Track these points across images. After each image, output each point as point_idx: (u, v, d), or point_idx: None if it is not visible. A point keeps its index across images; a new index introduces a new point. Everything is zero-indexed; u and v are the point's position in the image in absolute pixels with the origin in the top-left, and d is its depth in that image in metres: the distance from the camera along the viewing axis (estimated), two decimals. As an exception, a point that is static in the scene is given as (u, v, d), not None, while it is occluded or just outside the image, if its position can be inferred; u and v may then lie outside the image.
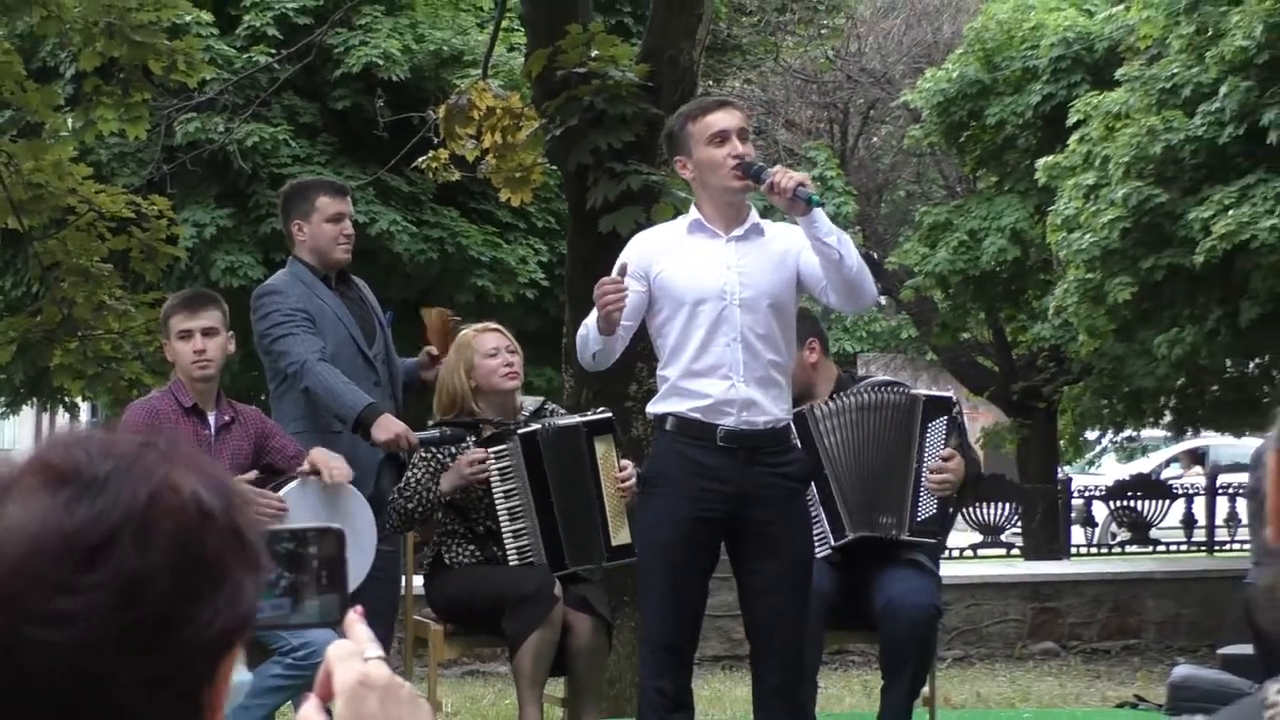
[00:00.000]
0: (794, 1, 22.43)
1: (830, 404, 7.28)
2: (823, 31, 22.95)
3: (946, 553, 8.55)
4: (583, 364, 6.35)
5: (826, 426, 7.21)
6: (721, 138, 6.22)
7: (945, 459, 7.13)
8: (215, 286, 15.57)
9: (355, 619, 1.74)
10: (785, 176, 6.08)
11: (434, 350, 7.87)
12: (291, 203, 7.81)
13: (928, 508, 7.20)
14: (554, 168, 10.67)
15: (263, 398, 11.31)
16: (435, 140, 11.05)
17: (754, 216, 6.44)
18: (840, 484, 7.16)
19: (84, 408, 21.36)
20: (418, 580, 7.46)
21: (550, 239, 18.52)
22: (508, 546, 6.99)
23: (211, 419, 6.90)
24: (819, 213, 6.14)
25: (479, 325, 7.54)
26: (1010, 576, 14.99)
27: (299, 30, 16.95)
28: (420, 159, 11.21)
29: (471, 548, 7.08)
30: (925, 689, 7.20)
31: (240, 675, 5.77)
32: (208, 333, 6.95)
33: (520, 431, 7.10)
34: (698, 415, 6.17)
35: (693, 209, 6.41)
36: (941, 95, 19.24)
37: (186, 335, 6.91)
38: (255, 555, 1.58)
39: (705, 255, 6.24)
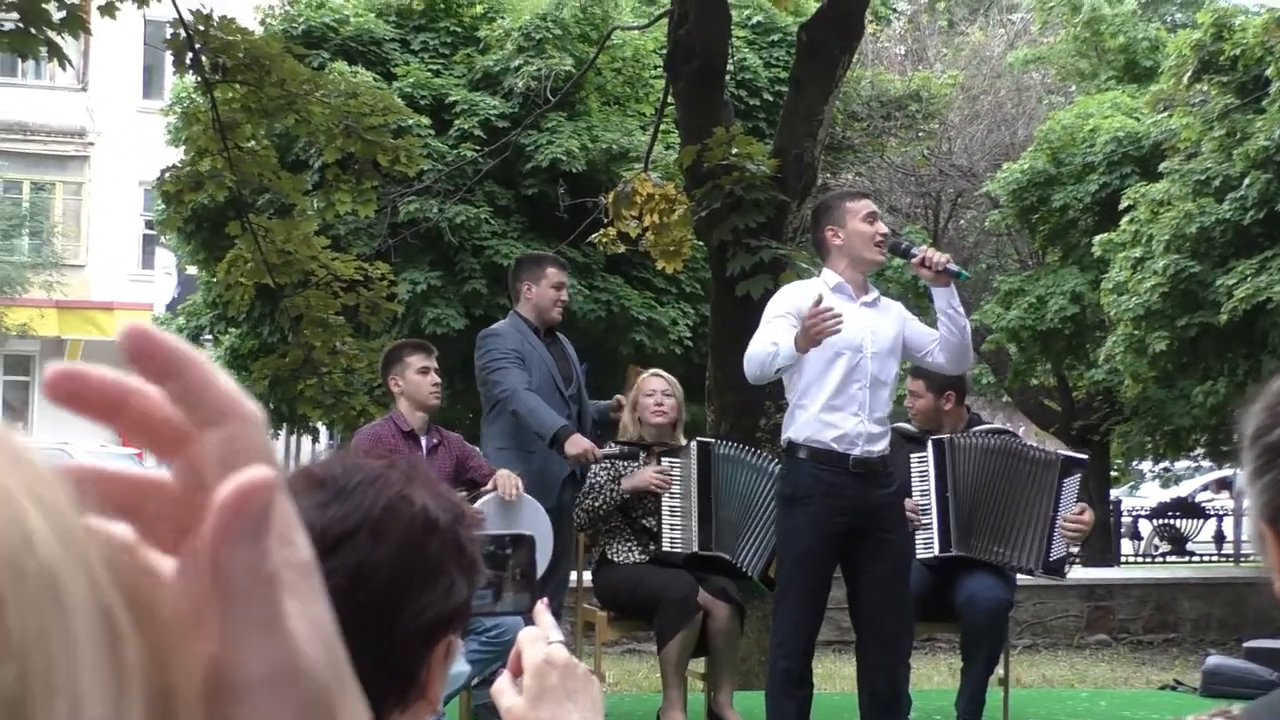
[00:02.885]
0: (897, 110, 22.31)
1: (964, 440, 7.24)
2: (920, 134, 22.80)
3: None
4: (751, 377, 6.24)
5: (957, 458, 7.17)
6: (871, 218, 6.29)
7: (1079, 512, 7.07)
8: (423, 334, 15.69)
9: (542, 609, 1.74)
10: (936, 253, 6.21)
11: (624, 399, 7.90)
12: (525, 268, 7.92)
13: (1059, 550, 7.13)
14: (700, 243, 10.64)
15: (464, 424, 11.36)
16: (605, 220, 11.08)
17: (874, 288, 6.46)
18: (958, 507, 7.10)
19: (323, 433, 21.57)
20: (586, 575, 7.44)
21: (696, 302, 18.47)
22: (664, 535, 7.00)
23: (424, 442, 6.94)
24: (954, 286, 6.24)
25: (653, 370, 7.57)
26: (1071, 580, 14.74)
27: (498, 131, 17.06)
28: (594, 235, 11.24)
29: (631, 543, 7.07)
30: (1000, 671, 7.10)
31: (459, 666, 5.78)
32: (438, 371, 7.05)
33: (700, 439, 7.16)
34: (833, 444, 6.17)
35: (830, 274, 6.35)
36: (1016, 184, 19.13)
37: (425, 371, 7.00)
38: (472, 562, 1.58)
39: (846, 313, 6.16)
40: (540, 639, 1.65)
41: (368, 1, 19.32)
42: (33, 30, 9.51)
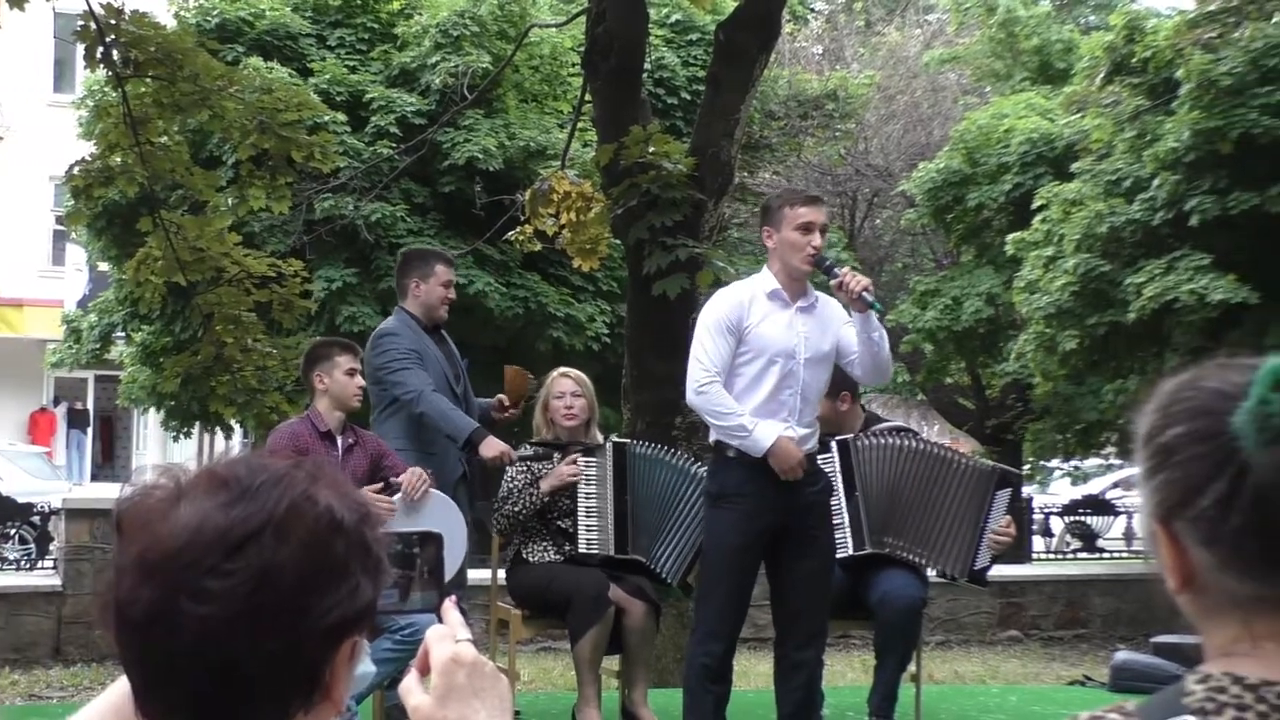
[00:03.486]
0: (814, 110, 22.41)
1: (868, 440, 7.27)
2: (837, 134, 22.91)
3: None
4: (694, 407, 6.37)
5: (863, 458, 7.20)
6: (807, 228, 6.27)
7: (1006, 525, 7.11)
8: (338, 331, 15.64)
9: (450, 607, 1.74)
10: (854, 279, 6.16)
11: (505, 400, 7.88)
12: (413, 264, 7.84)
13: (983, 559, 7.17)
14: (617, 241, 10.64)
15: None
16: (522, 218, 11.06)
17: (812, 291, 6.47)
18: (869, 506, 7.13)
19: (237, 431, 21.41)
20: (501, 573, 7.43)
21: (613, 300, 18.49)
22: (580, 537, 6.97)
23: (340, 442, 6.89)
24: (872, 314, 6.26)
25: (562, 370, 7.52)
26: (983, 576, 14.89)
27: (415, 128, 17.01)
28: (510, 233, 11.23)
29: (547, 543, 7.06)
30: (912, 668, 7.14)
31: (364, 666, 5.76)
32: (361, 373, 7.00)
33: (615, 440, 7.12)
34: None
35: (768, 277, 6.36)
36: (931, 184, 19.26)
37: (352, 372, 6.93)
38: (378, 562, 1.58)
39: (781, 318, 6.28)
40: (448, 637, 1.65)
41: (284, -4, 19.19)
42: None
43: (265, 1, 18.83)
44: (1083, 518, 17.93)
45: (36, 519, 14.11)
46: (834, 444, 7.09)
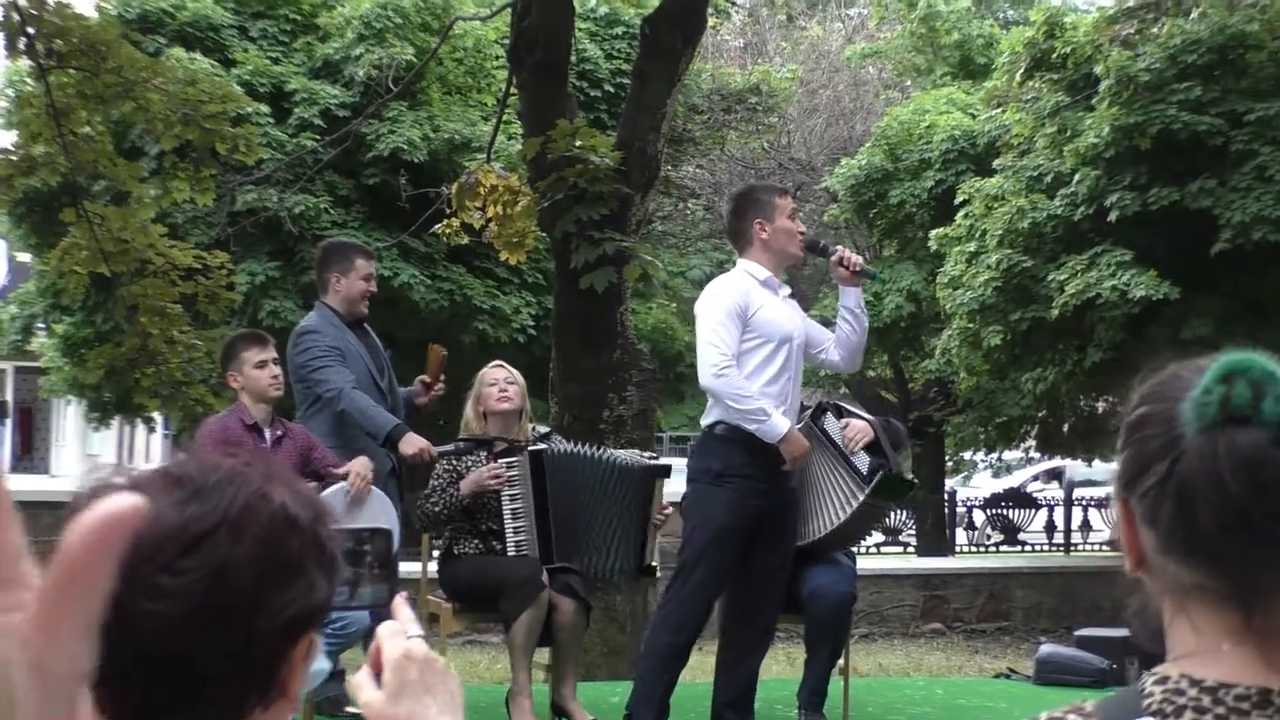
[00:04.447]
0: (737, 104, 22.46)
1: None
2: (760, 128, 22.98)
3: (856, 548, 8.49)
4: (709, 390, 6.36)
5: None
6: (794, 215, 6.51)
7: (844, 427, 7.03)
8: (260, 325, 15.53)
9: (401, 603, 1.74)
10: (853, 255, 6.45)
11: (428, 379, 7.84)
12: (332, 258, 7.75)
13: (862, 464, 7.12)
14: (544, 234, 10.62)
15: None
16: (448, 211, 11.01)
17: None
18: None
19: (159, 423, 21.25)
20: (432, 566, 7.40)
21: (539, 293, 18.49)
22: (508, 540, 6.92)
23: (268, 434, 6.83)
24: (854, 291, 6.52)
25: (494, 363, 7.47)
26: (906, 569, 15.00)
27: (339, 120, 16.94)
28: (436, 226, 11.16)
29: (476, 541, 7.02)
30: (841, 661, 7.17)
31: (319, 664, 5.73)
32: (276, 362, 6.93)
33: (530, 448, 7.03)
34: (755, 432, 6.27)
35: (756, 267, 6.42)
36: (854, 180, 19.39)
37: (262, 364, 6.84)
38: (332, 560, 1.58)
39: (778, 304, 6.41)
40: (399, 633, 1.65)
41: (206, -13, 19.04)
42: None
43: (187, -8, 18.68)
44: (1004, 511, 18.07)
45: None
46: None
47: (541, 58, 9.92)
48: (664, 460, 7.52)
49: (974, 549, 17.44)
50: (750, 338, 6.31)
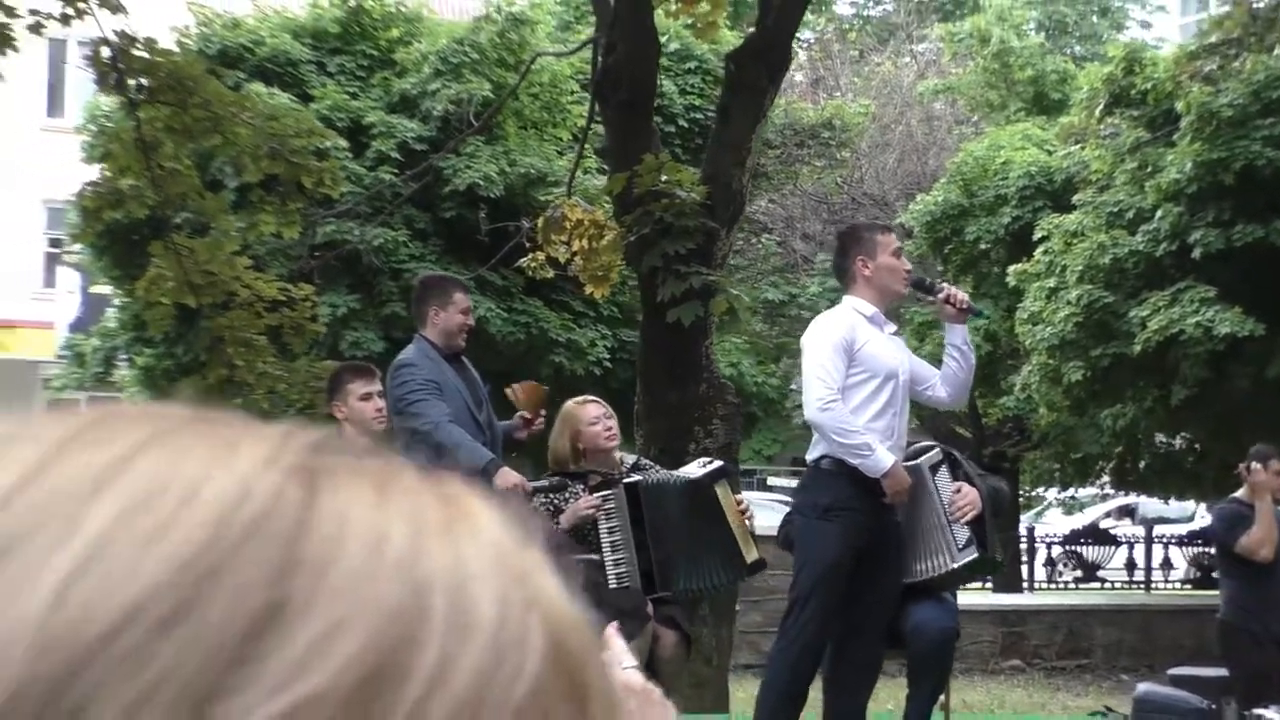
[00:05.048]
0: (810, 139, 22.47)
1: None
2: (833, 162, 22.98)
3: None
4: (815, 425, 6.41)
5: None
6: (899, 253, 6.53)
7: (956, 491, 7.04)
8: (342, 357, 15.60)
9: (613, 634, 1.73)
10: (960, 292, 6.54)
11: (527, 415, 7.81)
12: (431, 291, 7.74)
13: (962, 535, 7.10)
14: (627, 268, 10.64)
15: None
16: (527, 244, 11.04)
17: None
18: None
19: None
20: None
21: (614, 326, 18.53)
22: (608, 572, 6.90)
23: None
24: (960, 328, 6.53)
25: (580, 399, 7.45)
26: (984, 605, 14.90)
27: (416, 155, 17.04)
28: (522, 259, 11.17)
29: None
30: (942, 697, 7.13)
31: None
32: (381, 395, 6.93)
33: (625, 481, 7.02)
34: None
35: (862, 303, 6.44)
36: (929, 216, 19.30)
37: (367, 397, 6.86)
38: None
39: (883, 341, 6.44)
40: (614, 665, 1.65)
41: (283, 23, 19.23)
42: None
43: (265, 28, 18.87)
44: (1082, 547, 17.95)
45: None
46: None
47: (627, 94, 9.96)
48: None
49: (1051, 585, 17.31)
50: (856, 373, 6.33)
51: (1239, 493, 8.87)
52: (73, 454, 0.49)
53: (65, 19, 9.96)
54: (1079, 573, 17.43)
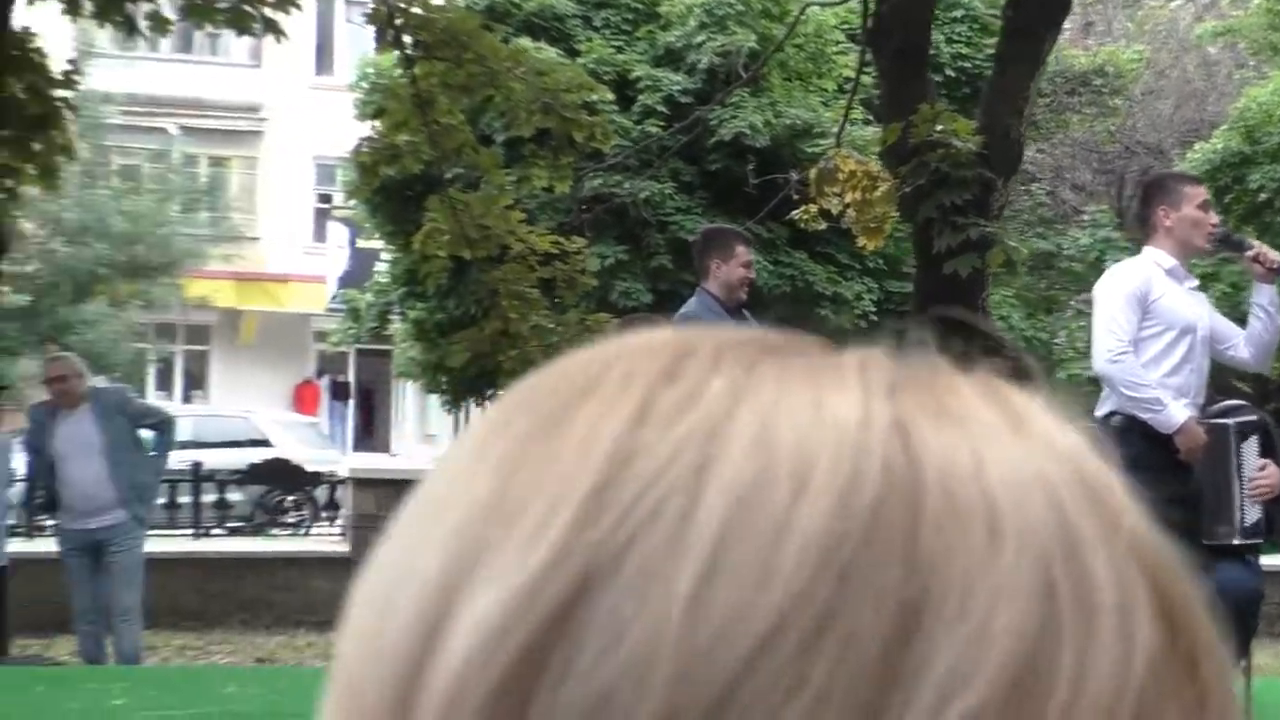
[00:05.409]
0: (1081, 86, 21.99)
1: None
2: (1105, 110, 22.45)
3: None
4: (1103, 376, 6.19)
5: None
6: (1205, 206, 6.30)
7: (1260, 469, 6.84)
8: (611, 308, 15.76)
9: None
10: (1272, 252, 6.16)
11: None
12: (713, 243, 7.69)
13: (1253, 515, 6.90)
14: (899, 220, 10.54)
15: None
16: (795, 196, 11.00)
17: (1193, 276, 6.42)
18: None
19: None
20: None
21: (880, 278, 18.39)
22: None
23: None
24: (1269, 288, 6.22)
25: None
26: (1273, 565, 14.42)
27: (682, 107, 17.09)
28: (793, 211, 11.15)
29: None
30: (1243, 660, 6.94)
31: None
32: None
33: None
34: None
35: (1161, 255, 6.24)
36: (1209, 164, 18.77)
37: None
38: None
39: (1181, 294, 6.22)
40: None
41: (552, -23, 19.46)
42: (246, 6, 9.71)
43: (533, -17, 19.12)
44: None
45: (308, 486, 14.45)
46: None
47: (902, 42, 9.86)
48: None
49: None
50: (1150, 325, 6.13)
51: None
52: (656, 425, 0.43)
53: (346, -24, 10.20)
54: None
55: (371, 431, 39.25)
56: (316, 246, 36.50)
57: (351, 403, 38.62)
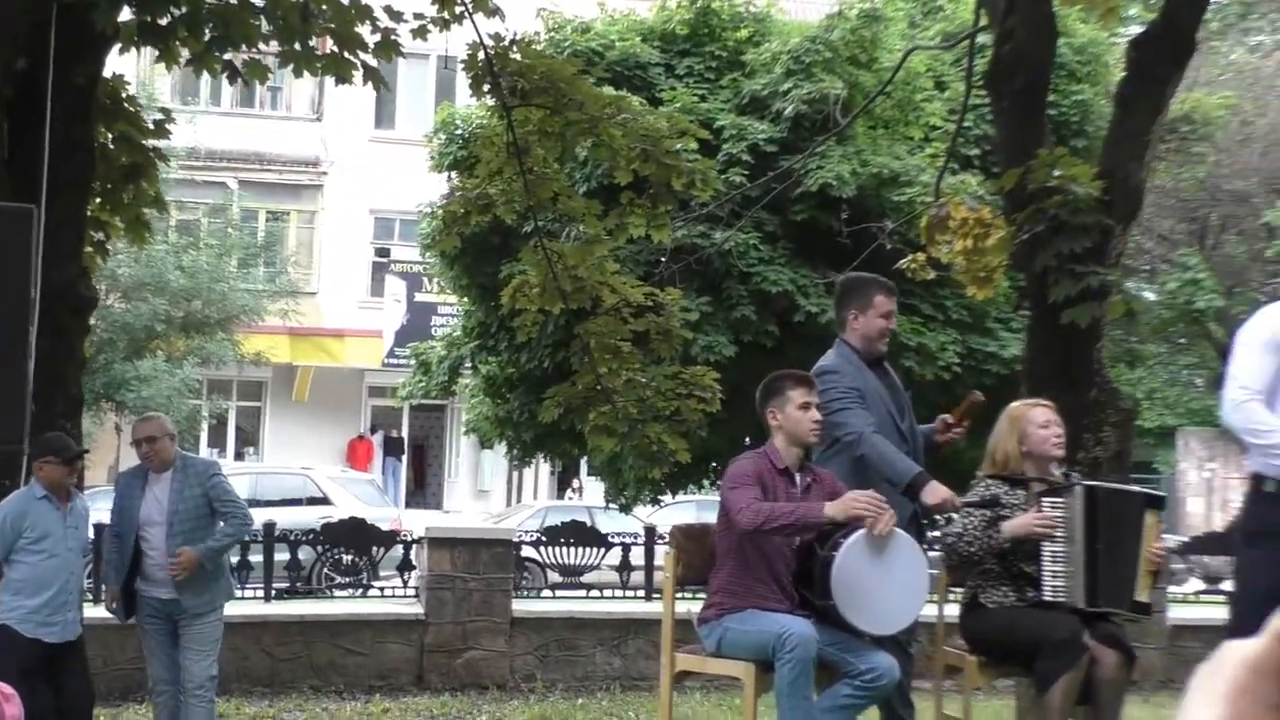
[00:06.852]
0: (1169, 133, 21.78)
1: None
2: (1191, 158, 22.26)
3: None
4: (1230, 425, 5.95)
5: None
6: None
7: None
8: (694, 361, 15.59)
9: None
10: None
11: (950, 419, 7.54)
12: (851, 294, 7.50)
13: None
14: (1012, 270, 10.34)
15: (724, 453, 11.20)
16: (888, 246, 10.83)
17: None
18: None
19: (583, 463, 21.65)
20: (949, 611, 7.18)
21: (963, 330, 18.18)
22: (1044, 586, 6.66)
23: (799, 479, 6.65)
24: None
25: (1029, 400, 7.22)
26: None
27: (766, 156, 17.01)
28: (902, 262, 10.96)
29: (1007, 587, 6.77)
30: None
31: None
32: (820, 407, 6.72)
33: (1085, 483, 6.79)
34: None
35: None
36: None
37: (806, 406, 6.65)
38: None
39: None
40: None
41: (632, 25, 19.41)
42: (346, 55, 9.61)
43: (614, 32, 19.08)
44: None
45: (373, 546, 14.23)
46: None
47: (1023, 85, 9.69)
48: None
49: None
50: None
51: None
52: None
53: (444, 24, 10.09)
54: None
55: (423, 487, 39.24)
56: (373, 301, 36.56)
57: (404, 458, 38.63)
